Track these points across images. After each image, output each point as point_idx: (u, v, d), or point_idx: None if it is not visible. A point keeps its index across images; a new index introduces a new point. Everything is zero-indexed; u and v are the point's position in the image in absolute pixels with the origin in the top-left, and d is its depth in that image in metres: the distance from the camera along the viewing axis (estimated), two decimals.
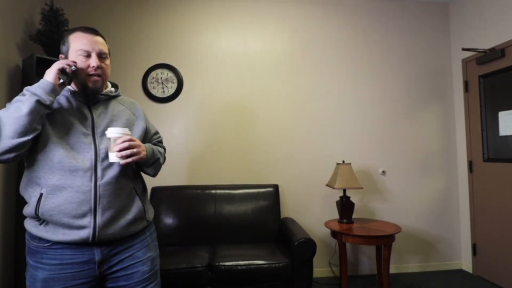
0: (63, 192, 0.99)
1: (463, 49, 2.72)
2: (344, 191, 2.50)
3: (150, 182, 2.67)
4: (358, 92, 2.95)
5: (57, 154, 1.00)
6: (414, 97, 3.01)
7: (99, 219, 1.02)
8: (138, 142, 1.10)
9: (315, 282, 2.63)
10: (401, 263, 2.89)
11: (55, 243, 1.01)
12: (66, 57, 1.09)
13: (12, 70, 2.20)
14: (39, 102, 0.95)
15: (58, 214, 0.98)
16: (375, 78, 2.98)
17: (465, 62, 2.91)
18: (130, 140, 1.05)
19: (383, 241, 2.19)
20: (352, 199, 2.86)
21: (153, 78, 2.72)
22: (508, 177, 2.48)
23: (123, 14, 2.75)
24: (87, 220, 1.00)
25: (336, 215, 2.86)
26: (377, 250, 2.50)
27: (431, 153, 2.99)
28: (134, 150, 1.06)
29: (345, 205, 2.44)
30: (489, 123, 2.68)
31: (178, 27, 2.80)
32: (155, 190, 2.55)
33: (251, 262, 2.02)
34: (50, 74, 1.00)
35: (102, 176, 1.05)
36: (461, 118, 2.97)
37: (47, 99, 0.97)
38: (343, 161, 2.55)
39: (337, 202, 2.51)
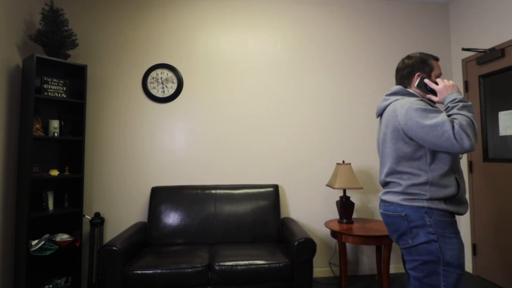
0: (462, 175, 1.28)
1: (463, 49, 2.72)
2: (344, 191, 2.50)
3: (150, 182, 2.67)
4: (358, 92, 2.95)
5: None
6: None
7: None
8: None
9: (315, 282, 2.63)
10: (401, 263, 2.89)
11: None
12: (428, 76, 1.36)
13: (12, 70, 2.21)
14: None
15: (463, 193, 1.26)
16: (375, 78, 2.98)
17: (465, 62, 2.91)
18: None
19: (383, 241, 2.19)
20: (352, 199, 2.86)
21: (153, 78, 2.72)
22: (508, 177, 2.48)
23: (124, 14, 2.75)
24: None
25: (336, 215, 2.86)
26: (377, 250, 2.50)
27: None
28: None
29: (345, 205, 2.44)
30: (489, 123, 2.68)
31: (178, 27, 2.80)
32: (155, 190, 2.55)
33: (251, 262, 2.02)
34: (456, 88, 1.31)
35: None
36: None
37: None
38: (343, 161, 2.55)
39: (337, 202, 2.51)
